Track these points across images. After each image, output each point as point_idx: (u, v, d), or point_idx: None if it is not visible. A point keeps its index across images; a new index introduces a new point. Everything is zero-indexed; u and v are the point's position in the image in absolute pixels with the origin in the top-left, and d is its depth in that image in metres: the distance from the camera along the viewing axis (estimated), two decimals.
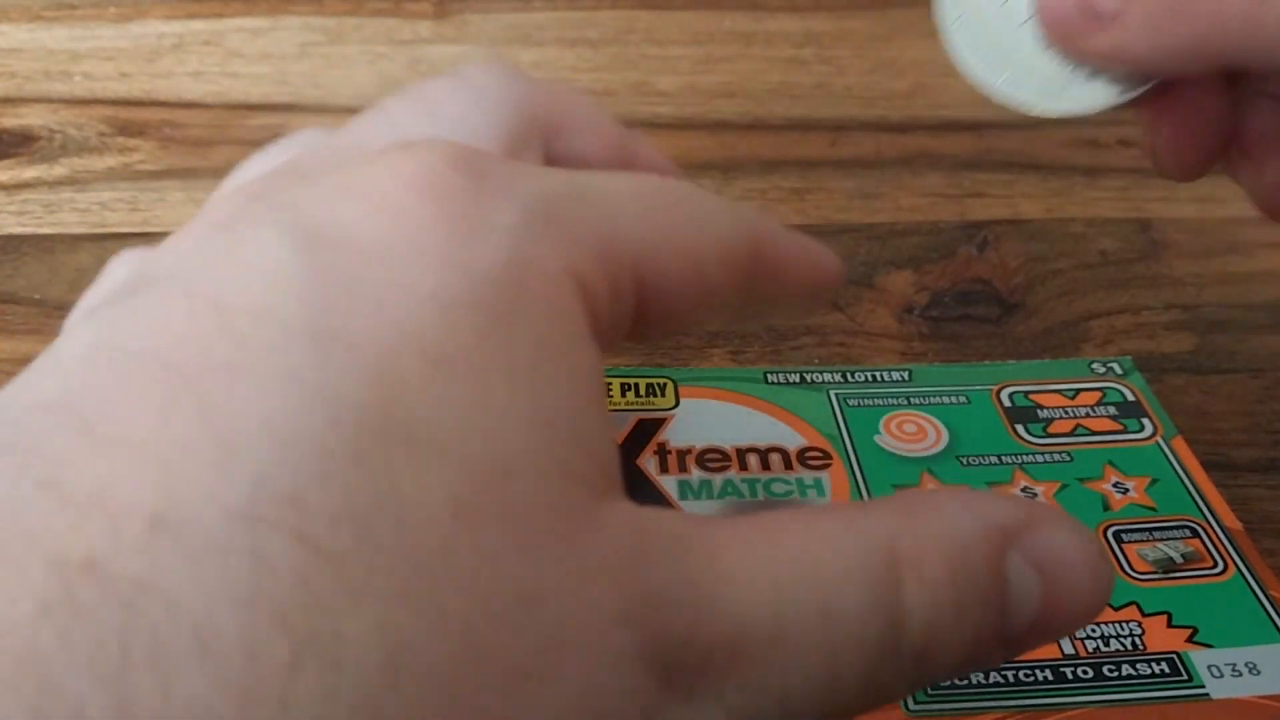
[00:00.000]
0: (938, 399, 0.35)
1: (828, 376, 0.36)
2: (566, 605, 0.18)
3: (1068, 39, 0.29)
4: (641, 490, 0.31)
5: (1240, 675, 0.28)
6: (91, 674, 0.15)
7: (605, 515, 0.19)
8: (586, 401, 0.20)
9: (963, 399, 0.35)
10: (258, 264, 0.19)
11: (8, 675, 0.15)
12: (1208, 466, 0.33)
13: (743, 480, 0.31)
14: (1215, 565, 0.30)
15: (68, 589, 0.15)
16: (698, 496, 0.31)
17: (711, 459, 0.32)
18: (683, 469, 0.32)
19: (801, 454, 0.33)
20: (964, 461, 0.33)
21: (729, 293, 0.23)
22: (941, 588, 0.20)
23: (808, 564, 0.20)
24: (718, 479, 0.31)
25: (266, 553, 0.16)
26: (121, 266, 0.25)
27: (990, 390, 0.36)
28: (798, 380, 0.36)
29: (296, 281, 0.19)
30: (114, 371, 0.18)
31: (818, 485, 0.31)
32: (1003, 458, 0.33)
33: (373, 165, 0.21)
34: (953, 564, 0.20)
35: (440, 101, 0.24)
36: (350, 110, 0.53)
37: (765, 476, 0.31)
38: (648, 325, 0.23)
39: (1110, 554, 0.30)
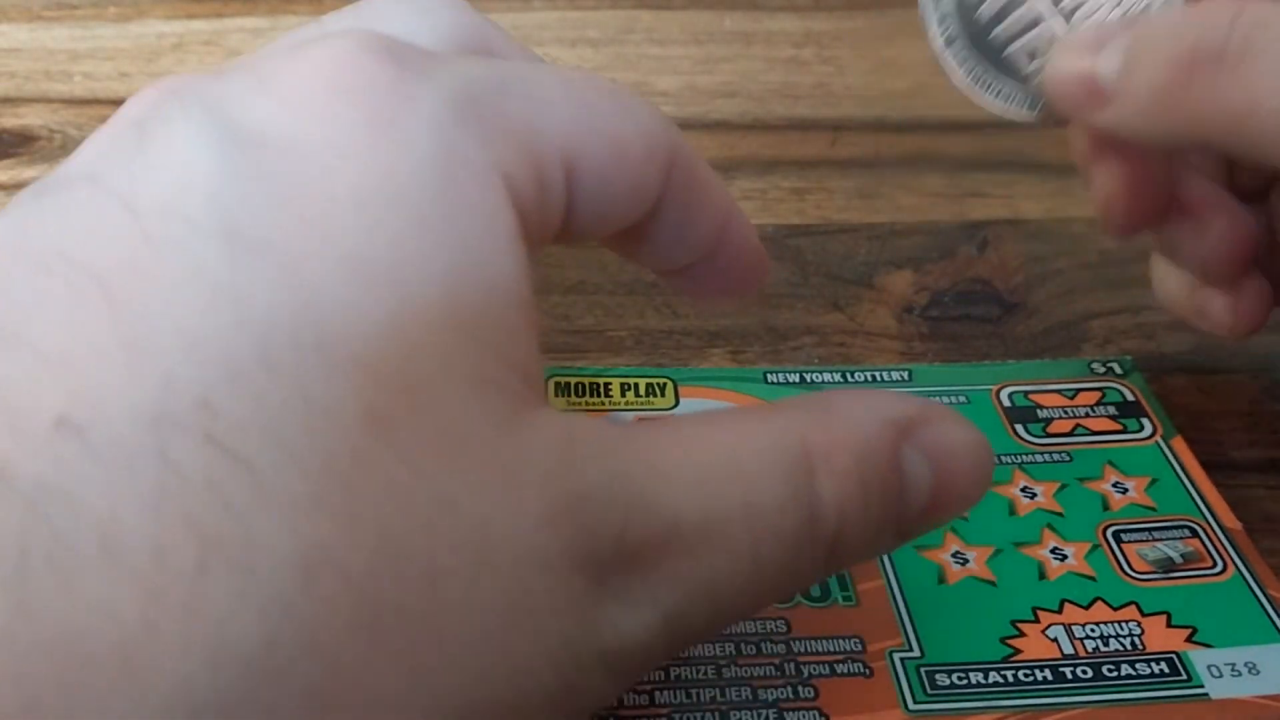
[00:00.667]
0: (938, 399, 0.35)
1: (828, 376, 0.36)
2: (487, 508, 0.18)
3: (1072, 110, 0.30)
4: None
5: (1240, 675, 0.28)
6: None
7: (528, 422, 0.19)
8: (509, 308, 0.20)
9: (962, 399, 0.35)
10: (167, 160, 0.18)
11: None
12: (1208, 466, 0.33)
13: None
14: (1215, 565, 0.30)
15: None
16: None
17: None
18: None
19: None
20: None
21: (652, 188, 0.23)
22: (849, 479, 0.21)
23: (729, 460, 0.20)
24: None
25: (174, 455, 0.16)
26: None
27: (990, 390, 0.35)
28: (798, 380, 0.36)
29: (207, 178, 0.18)
30: (19, 269, 0.17)
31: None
32: (1002, 457, 0.33)
33: (286, 58, 0.20)
34: (858, 457, 0.21)
35: (378, 8, 0.23)
36: None
37: None
38: (578, 222, 0.22)
39: (1111, 551, 0.30)
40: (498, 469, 0.18)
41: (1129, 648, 0.28)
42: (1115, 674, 0.28)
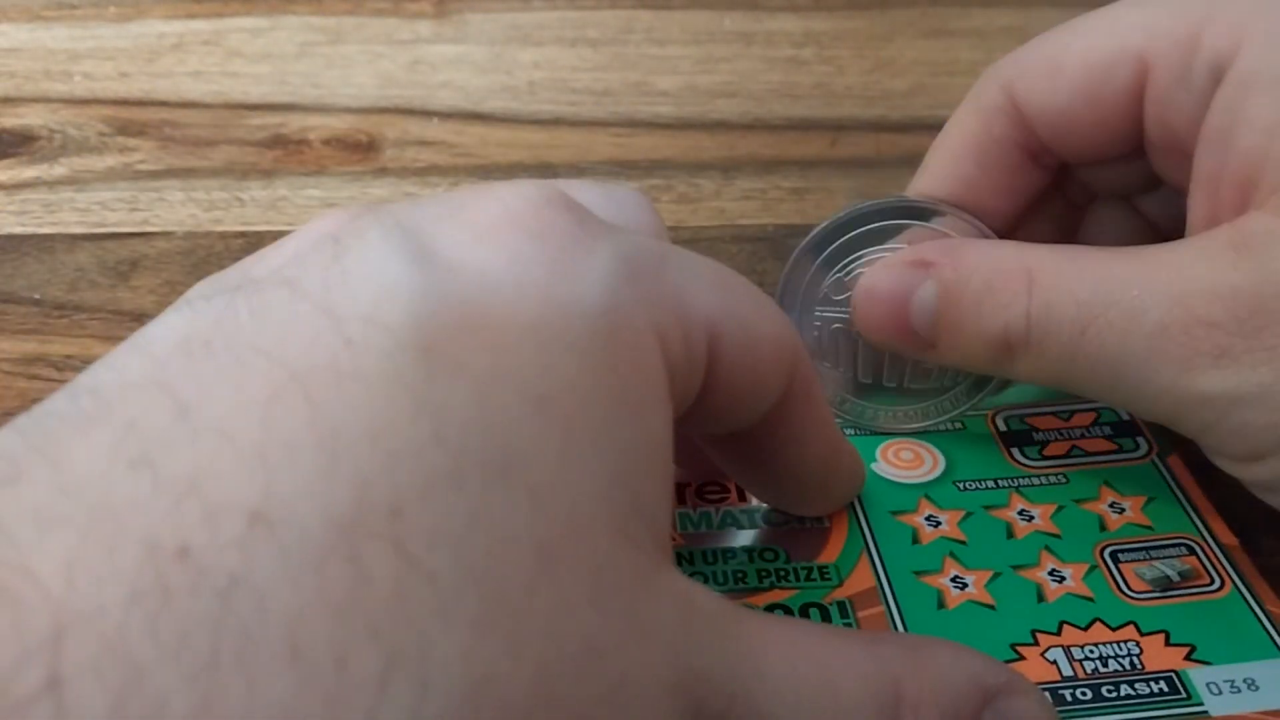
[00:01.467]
0: (934, 429, 0.35)
1: None
2: (627, 663, 0.18)
3: (891, 348, 0.32)
4: None
5: (1239, 692, 0.28)
6: (178, 666, 0.15)
7: (659, 582, 0.20)
8: (655, 468, 0.21)
9: (958, 424, 0.35)
10: (365, 271, 0.19)
11: (94, 659, 0.14)
12: (1210, 466, 0.33)
13: (741, 511, 0.31)
14: (1212, 582, 0.30)
15: (160, 577, 0.15)
16: (697, 528, 0.31)
17: (710, 491, 0.32)
18: (682, 501, 0.32)
19: None
20: (960, 486, 0.33)
21: (774, 388, 0.24)
22: None
23: (828, 682, 0.21)
24: (716, 511, 0.32)
25: (364, 561, 0.16)
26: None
27: (985, 416, 0.35)
28: None
29: (405, 293, 0.19)
30: (214, 361, 0.18)
31: (816, 516, 0.31)
32: (999, 481, 0.33)
33: (476, 195, 0.22)
34: (944, 713, 0.22)
35: (571, 182, 0.24)
36: (350, 110, 0.53)
37: (764, 507, 0.32)
38: (708, 401, 0.23)
39: (1110, 578, 0.30)
40: (637, 626, 0.19)
41: (1128, 668, 0.28)
42: (1115, 694, 0.28)
